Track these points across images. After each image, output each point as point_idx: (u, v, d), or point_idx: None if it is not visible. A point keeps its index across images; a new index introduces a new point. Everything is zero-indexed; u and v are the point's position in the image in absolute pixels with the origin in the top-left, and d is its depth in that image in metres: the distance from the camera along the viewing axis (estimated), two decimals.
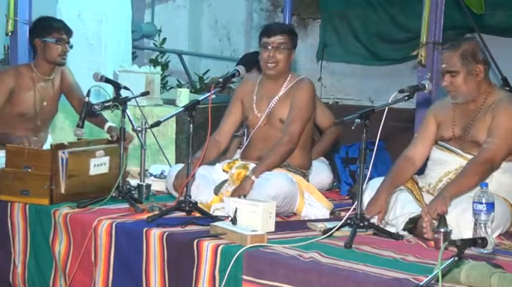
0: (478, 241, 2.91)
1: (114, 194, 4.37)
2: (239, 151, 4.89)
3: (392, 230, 3.85)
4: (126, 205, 4.35)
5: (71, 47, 4.95)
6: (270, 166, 4.31)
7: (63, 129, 6.37)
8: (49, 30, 4.87)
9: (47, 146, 4.92)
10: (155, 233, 3.80)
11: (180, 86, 8.19)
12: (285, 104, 4.48)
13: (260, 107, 4.57)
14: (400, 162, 4.10)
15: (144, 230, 3.84)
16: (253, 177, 4.23)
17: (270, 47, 4.48)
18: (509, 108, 3.90)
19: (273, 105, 4.53)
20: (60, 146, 4.36)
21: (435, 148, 4.10)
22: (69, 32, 4.94)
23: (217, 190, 4.33)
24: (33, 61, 5.02)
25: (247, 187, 4.17)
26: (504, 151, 3.87)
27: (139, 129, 4.60)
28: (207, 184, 4.39)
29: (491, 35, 6.45)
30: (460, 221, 3.72)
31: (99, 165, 4.48)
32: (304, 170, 4.53)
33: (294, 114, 4.42)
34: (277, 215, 3.97)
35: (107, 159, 4.51)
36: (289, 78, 4.55)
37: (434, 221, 3.70)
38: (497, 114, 3.89)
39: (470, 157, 3.92)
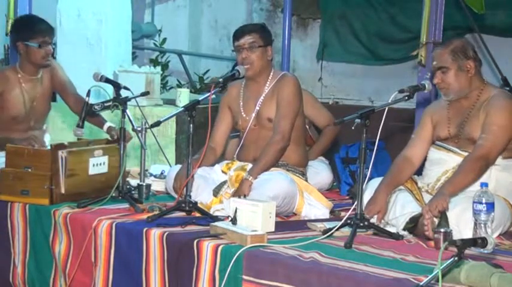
0: (478, 241, 2.91)
1: (114, 194, 4.36)
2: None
3: (392, 230, 3.85)
4: (126, 205, 4.35)
5: (54, 47, 4.87)
6: (265, 166, 4.31)
7: (63, 129, 6.36)
8: (31, 33, 4.79)
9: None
10: (155, 233, 3.80)
11: (180, 86, 8.19)
12: (271, 102, 4.48)
13: (247, 109, 4.56)
14: (399, 162, 4.11)
15: (144, 230, 3.84)
16: (250, 179, 4.23)
17: (241, 50, 4.48)
18: (503, 104, 3.91)
19: (259, 105, 4.52)
20: (60, 146, 4.36)
21: (432, 148, 4.11)
22: (52, 32, 4.87)
23: (216, 192, 4.33)
24: (17, 62, 4.96)
25: (245, 190, 4.17)
26: (499, 147, 3.88)
27: (139, 129, 4.60)
28: (206, 184, 4.39)
29: (491, 35, 6.45)
30: (460, 221, 3.72)
31: (98, 164, 4.47)
32: (302, 169, 4.53)
33: (281, 111, 4.42)
34: (277, 215, 3.97)
35: (105, 158, 4.51)
36: (271, 76, 4.55)
37: (435, 219, 3.70)
38: (491, 110, 3.90)
39: (467, 154, 3.93)
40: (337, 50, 7.90)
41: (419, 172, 4.17)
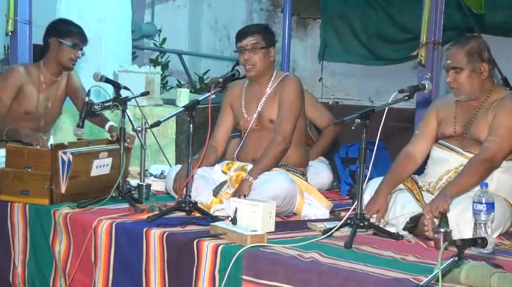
0: (478, 241, 2.91)
1: (114, 194, 4.36)
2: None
3: (392, 230, 3.85)
4: (126, 205, 4.35)
5: (83, 54, 4.96)
6: (266, 167, 4.31)
7: (63, 129, 6.37)
8: (68, 33, 4.87)
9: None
10: (155, 233, 3.80)
11: (180, 86, 8.20)
12: (273, 103, 4.48)
13: (249, 110, 4.56)
14: (401, 159, 4.10)
15: (144, 230, 3.84)
16: (250, 179, 4.23)
17: (244, 51, 4.48)
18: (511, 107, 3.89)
19: (261, 106, 4.52)
20: (60, 146, 4.36)
21: (435, 147, 4.10)
22: (85, 40, 4.96)
23: (216, 192, 4.33)
24: (42, 60, 5.00)
25: (245, 190, 4.17)
26: (505, 150, 3.86)
27: (139, 129, 4.60)
28: (206, 184, 4.39)
29: (491, 35, 6.45)
30: (460, 221, 3.72)
31: (101, 166, 4.47)
32: (302, 169, 4.53)
33: (283, 113, 4.42)
34: (277, 215, 3.97)
35: (109, 160, 4.50)
36: (273, 77, 4.54)
37: (435, 219, 3.71)
38: (499, 112, 3.88)
39: (470, 155, 3.92)
40: (338, 50, 7.91)
41: (421, 170, 4.16)
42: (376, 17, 7.57)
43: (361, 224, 3.73)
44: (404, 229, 3.85)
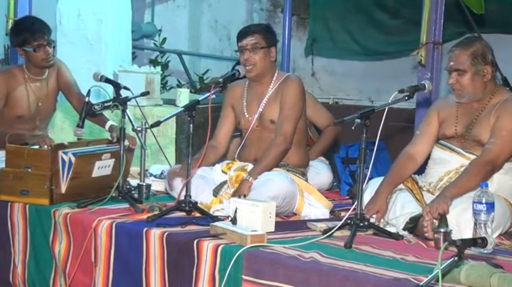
0: (478, 241, 2.91)
1: (114, 194, 4.36)
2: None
3: (392, 230, 3.85)
4: (126, 205, 4.35)
5: (54, 47, 4.87)
6: (266, 167, 4.31)
7: (63, 129, 6.37)
8: (25, 39, 4.77)
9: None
10: (155, 233, 3.80)
11: (180, 86, 8.20)
12: (275, 104, 4.47)
13: (250, 110, 4.56)
14: (401, 159, 4.10)
15: (144, 230, 3.84)
16: (250, 179, 4.23)
17: (244, 50, 4.47)
18: None
19: (262, 107, 4.52)
20: (61, 146, 4.36)
21: (436, 147, 4.10)
22: (46, 32, 4.82)
23: (216, 192, 4.33)
24: (24, 63, 4.96)
25: (245, 190, 4.17)
26: (507, 153, 3.86)
27: (139, 129, 4.60)
28: (206, 184, 4.39)
29: (490, 34, 6.43)
30: (460, 221, 3.72)
31: (103, 167, 4.46)
32: (302, 169, 4.53)
33: (285, 113, 4.41)
34: (277, 215, 3.97)
35: (111, 161, 4.50)
36: (275, 77, 4.54)
37: (435, 220, 3.71)
38: (502, 115, 3.87)
39: (471, 156, 3.92)
40: (327, 45, 7.85)
41: (422, 170, 4.16)
42: (366, 4, 7.51)
43: (361, 224, 3.73)
44: (404, 229, 3.85)
